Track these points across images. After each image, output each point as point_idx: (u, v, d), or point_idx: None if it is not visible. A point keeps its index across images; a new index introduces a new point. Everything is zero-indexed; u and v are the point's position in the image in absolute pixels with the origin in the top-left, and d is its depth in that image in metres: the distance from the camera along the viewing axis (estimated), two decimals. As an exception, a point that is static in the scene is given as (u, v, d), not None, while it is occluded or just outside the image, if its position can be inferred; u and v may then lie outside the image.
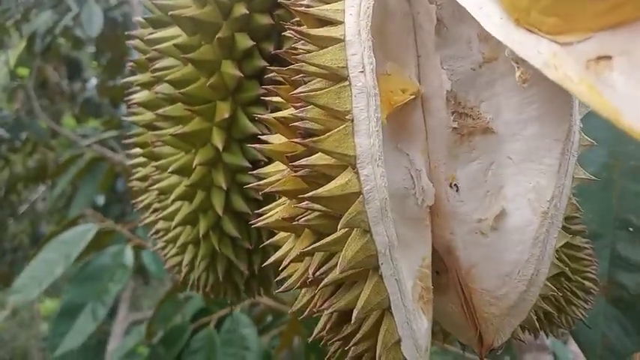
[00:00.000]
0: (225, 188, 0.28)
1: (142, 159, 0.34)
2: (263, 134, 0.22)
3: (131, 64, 0.35)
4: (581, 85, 0.14)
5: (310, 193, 0.19)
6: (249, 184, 0.23)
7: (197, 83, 0.29)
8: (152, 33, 0.30)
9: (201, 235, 0.30)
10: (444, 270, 0.23)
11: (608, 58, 0.13)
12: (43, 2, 2.50)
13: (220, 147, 0.28)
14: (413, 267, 0.20)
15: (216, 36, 0.28)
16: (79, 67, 2.75)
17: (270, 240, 0.23)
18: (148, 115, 0.33)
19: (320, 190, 0.19)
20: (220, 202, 0.29)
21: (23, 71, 3.31)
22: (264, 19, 0.27)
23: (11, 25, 2.99)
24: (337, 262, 0.19)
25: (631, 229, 0.43)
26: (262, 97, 0.26)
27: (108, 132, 1.79)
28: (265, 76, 0.27)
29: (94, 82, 3.11)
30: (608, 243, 0.43)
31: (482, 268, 0.21)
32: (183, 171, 0.30)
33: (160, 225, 0.33)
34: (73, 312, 0.92)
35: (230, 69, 0.28)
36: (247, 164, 0.28)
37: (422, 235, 0.21)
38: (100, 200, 2.27)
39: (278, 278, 0.22)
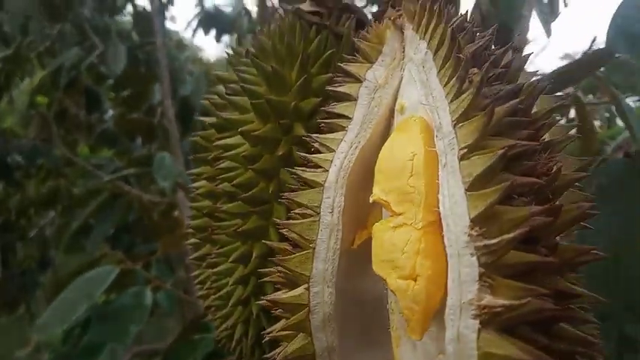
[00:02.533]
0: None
1: (197, 240, 0.38)
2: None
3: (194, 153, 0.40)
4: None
5: (270, 297, 0.25)
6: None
7: (258, 187, 0.33)
8: (219, 138, 0.35)
9: (254, 316, 0.34)
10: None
11: None
12: (65, 36, 2.60)
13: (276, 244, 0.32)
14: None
15: (277, 151, 0.32)
16: (98, 99, 2.83)
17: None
18: (207, 204, 0.37)
19: (277, 296, 0.24)
20: (271, 290, 0.32)
21: (42, 100, 3.40)
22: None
23: (34, 57, 3.09)
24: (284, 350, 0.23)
25: (637, 311, 0.47)
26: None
27: (128, 169, 1.83)
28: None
29: (110, 113, 3.20)
30: (615, 324, 0.46)
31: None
32: (241, 260, 0.34)
33: (214, 302, 0.37)
34: (94, 351, 0.95)
35: (288, 177, 0.32)
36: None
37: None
38: (109, 230, 2.29)
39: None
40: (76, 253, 3.78)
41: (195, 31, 2.38)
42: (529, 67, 0.29)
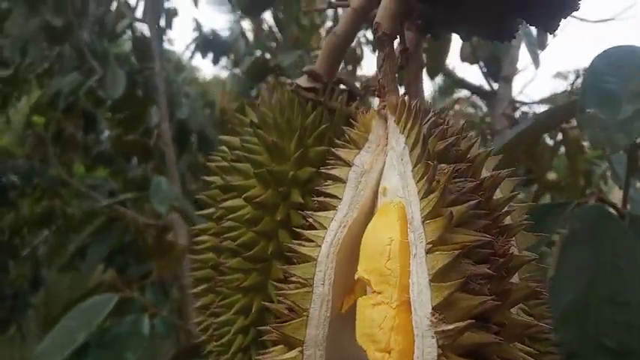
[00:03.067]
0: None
1: (201, 290, 0.42)
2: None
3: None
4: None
5: (269, 357, 0.28)
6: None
7: (258, 247, 0.37)
8: (224, 199, 0.39)
9: (252, 360, 0.38)
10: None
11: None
12: (64, 58, 2.65)
13: (274, 299, 0.36)
14: None
15: (276, 215, 0.37)
16: (95, 120, 2.88)
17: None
18: (211, 256, 0.41)
19: (275, 357, 0.28)
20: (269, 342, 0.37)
21: (38, 120, 3.44)
22: (312, 204, 0.36)
23: (32, 78, 3.14)
24: None
25: (606, 350, 0.51)
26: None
27: (124, 190, 1.87)
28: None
29: (106, 133, 3.24)
30: (586, 362, 0.51)
31: None
32: (242, 312, 0.38)
33: (216, 348, 0.41)
34: (92, 380, 0.97)
35: (286, 238, 0.36)
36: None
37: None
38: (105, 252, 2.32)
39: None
40: (68, 272, 3.78)
41: (193, 54, 2.44)
42: (520, 97, 0.33)
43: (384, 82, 0.33)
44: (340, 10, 2.26)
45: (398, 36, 0.35)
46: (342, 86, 0.42)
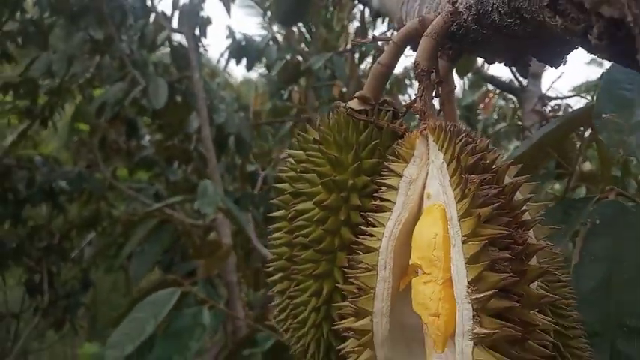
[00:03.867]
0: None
1: (278, 277, 0.52)
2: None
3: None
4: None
5: (345, 324, 0.38)
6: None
7: (326, 242, 0.47)
8: (295, 204, 0.49)
9: (324, 337, 0.48)
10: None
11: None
12: (107, 69, 2.82)
13: (340, 281, 0.46)
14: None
15: (340, 215, 0.46)
16: (137, 127, 3.06)
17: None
18: (285, 250, 0.51)
19: (349, 324, 0.38)
20: (337, 317, 0.46)
21: (82, 126, 3.65)
22: (369, 205, 0.45)
23: (75, 88, 3.34)
24: None
25: (625, 329, 0.58)
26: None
27: (168, 194, 2.00)
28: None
29: (147, 138, 3.41)
30: (608, 340, 0.58)
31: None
32: (314, 294, 0.48)
33: (292, 325, 0.51)
34: (161, 365, 1.10)
35: (347, 234, 0.46)
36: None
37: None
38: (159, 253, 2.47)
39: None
40: (114, 273, 3.99)
41: (228, 61, 2.57)
42: (550, 92, 0.41)
43: (424, 108, 0.42)
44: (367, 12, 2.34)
45: (434, 70, 0.44)
46: (387, 107, 0.51)
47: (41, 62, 2.34)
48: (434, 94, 0.44)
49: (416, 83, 0.45)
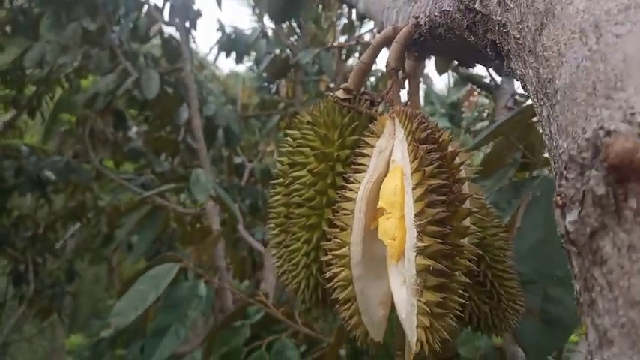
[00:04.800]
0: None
1: (276, 232, 0.67)
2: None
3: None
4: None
5: (330, 252, 0.53)
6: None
7: (316, 200, 0.62)
8: (291, 172, 0.64)
9: (313, 275, 0.63)
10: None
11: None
12: (96, 59, 2.93)
13: (327, 229, 0.61)
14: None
15: (327, 179, 0.61)
16: (124, 118, 3.17)
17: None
18: (282, 210, 0.66)
19: (333, 252, 0.53)
20: (324, 260, 0.62)
21: (66, 116, 3.74)
22: (349, 171, 0.61)
23: (63, 77, 3.43)
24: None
25: (555, 278, 0.75)
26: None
27: (166, 185, 2.13)
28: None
29: (134, 130, 3.53)
30: (541, 287, 0.75)
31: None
32: (306, 242, 0.63)
33: (288, 268, 0.66)
34: (161, 332, 1.24)
35: (333, 194, 0.61)
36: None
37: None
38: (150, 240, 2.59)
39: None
40: (96, 265, 4.08)
41: (217, 54, 2.70)
42: (521, 90, 0.57)
43: (392, 97, 0.58)
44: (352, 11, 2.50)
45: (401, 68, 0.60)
46: (365, 97, 0.66)
47: (34, 52, 2.45)
48: (401, 87, 0.60)
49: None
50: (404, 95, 0.65)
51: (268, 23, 3.06)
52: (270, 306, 1.45)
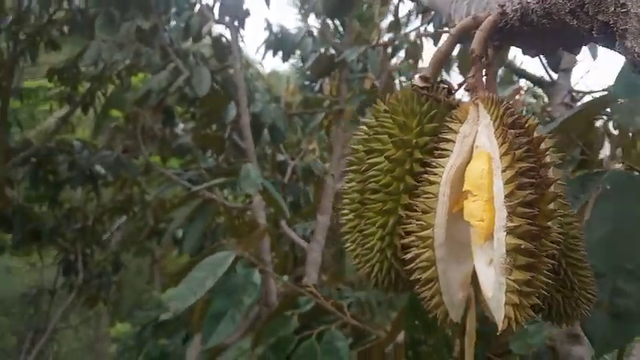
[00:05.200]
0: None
1: (350, 217, 0.70)
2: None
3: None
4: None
5: (412, 233, 0.54)
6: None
7: (393, 186, 0.64)
8: (368, 158, 0.66)
9: (387, 260, 0.65)
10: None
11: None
12: (141, 57, 3.03)
13: (403, 216, 0.63)
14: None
15: (405, 165, 0.63)
16: (173, 115, 3.27)
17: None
18: (357, 196, 0.68)
19: (416, 233, 0.54)
20: (399, 244, 0.63)
21: (115, 113, 3.88)
22: (428, 158, 0.62)
23: (115, 75, 3.56)
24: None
25: (624, 272, 0.74)
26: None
27: (216, 179, 2.18)
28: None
29: (180, 126, 3.63)
30: (610, 279, 0.74)
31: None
32: (381, 227, 0.65)
33: (361, 252, 0.68)
34: (218, 316, 1.28)
35: (410, 180, 0.63)
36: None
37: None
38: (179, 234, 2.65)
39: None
40: (143, 256, 4.20)
41: (265, 53, 2.75)
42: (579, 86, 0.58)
43: (476, 84, 0.59)
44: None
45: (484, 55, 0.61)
46: (443, 85, 0.68)
47: (92, 50, 2.56)
48: (483, 74, 0.61)
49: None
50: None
51: (314, 22, 3.09)
52: (320, 297, 1.47)
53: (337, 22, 2.97)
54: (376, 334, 1.44)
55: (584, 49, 0.61)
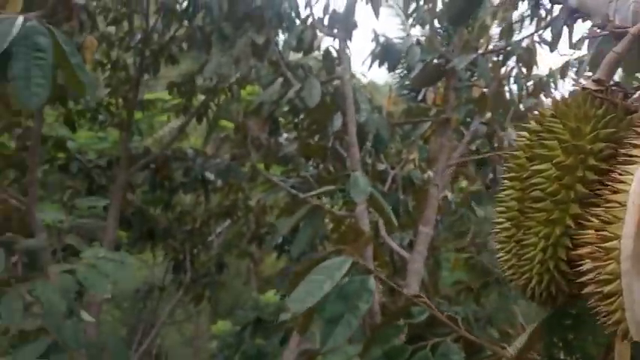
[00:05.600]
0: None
1: (507, 226, 0.66)
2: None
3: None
4: None
5: (593, 245, 0.49)
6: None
7: (561, 194, 0.60)
8: (531, 165, 0.62)
9: (550, 271, 0.61)
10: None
11: None
12: (251, 69, 3.16)
13: (571, 227, 0.58)
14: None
15: (576, 173, 0.59)
16: (278, 124, 3.38)
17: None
18: (514, 204, 0.65)
19: (600, 244, 0.49)
20: (564, 256, 0.59)
21: (226, 124, 4.09)
22: (603, 166, 0.57)
23: (226, 87, 3.76)
24: None
25: None
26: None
27: (324, 187, 2.21)
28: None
29: (284, 136, 3.74)
30: None
31: None
32: (544, 237, 0.61)
33: (518, 262, 0.64)
34: (335, 320, 1.29)
35: (581, 189, 0.58)
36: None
37: None
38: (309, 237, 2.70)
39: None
40: (243, 259, 4.35)
41: (371, 64, 2.76)
42: None
43: (666, 86, 0.54)
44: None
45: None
46: (618, 88, 0.63)
47: (212, 64, 2.72)
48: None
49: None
50: None
51: (417, 32, 3.05)
52: (434, 308, 1.43)
53: (448, 29, 2.91)
54: (492, 350, 1.37)
55: None
